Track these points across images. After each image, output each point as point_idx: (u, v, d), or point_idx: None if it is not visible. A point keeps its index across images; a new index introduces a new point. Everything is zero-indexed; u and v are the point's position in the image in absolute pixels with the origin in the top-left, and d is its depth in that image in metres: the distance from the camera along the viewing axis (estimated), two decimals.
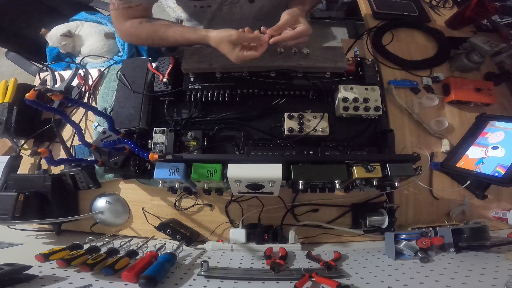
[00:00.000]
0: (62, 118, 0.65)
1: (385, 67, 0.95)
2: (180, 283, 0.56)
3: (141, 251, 0.69)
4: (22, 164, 0.91)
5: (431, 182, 0.85)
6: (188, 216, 0.86)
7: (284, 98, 0.82)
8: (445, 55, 0.98)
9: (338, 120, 0.81)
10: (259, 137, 0.81)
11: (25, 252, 0.73)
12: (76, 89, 0.96)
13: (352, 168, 0.63)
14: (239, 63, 0.68)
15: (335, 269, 0.61)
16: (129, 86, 0.81)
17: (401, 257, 0.67)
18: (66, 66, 1.15)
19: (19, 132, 0.88)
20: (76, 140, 0.90)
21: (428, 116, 0.89)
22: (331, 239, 0.83)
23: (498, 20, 1.09)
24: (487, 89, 0.88)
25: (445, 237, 0.67)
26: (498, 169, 0.74)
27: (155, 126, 0.77)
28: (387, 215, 0.76)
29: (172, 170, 0.63)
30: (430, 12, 1.13)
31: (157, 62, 0.84)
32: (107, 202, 0.85)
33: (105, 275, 0.56)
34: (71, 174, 0.83)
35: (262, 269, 0.64)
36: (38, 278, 0.54)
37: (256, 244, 0.77)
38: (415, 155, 0.65)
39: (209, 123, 0.82)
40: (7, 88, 0.89)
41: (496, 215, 0.83)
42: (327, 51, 0.78)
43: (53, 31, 1.11)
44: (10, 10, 1.15)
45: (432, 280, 0.55)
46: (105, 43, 1.15)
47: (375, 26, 1.05)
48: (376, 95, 0.78)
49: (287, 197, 0.83)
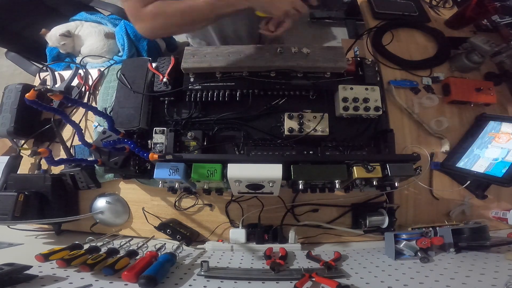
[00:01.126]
0: (62, 118, 0.65)
1: (385, 67, 0.95)
2: (180, 283, 0.56)
3: (141, 251, 0.69)
4: (22, 164, 0.92)
5: (431, 182, 0.85)
6: (188, 216, 0.86)
7: (284, 98, 0.82)
8: (445, 55, 0.98)
9: (338, 120, 0.81)
10: (259, 137, 0.81)
11: (25, 252, 0.73)
12: (76, 89, 0.96)
13: (352, 168, 0.63)
14: (283, 16, 0.64)
15: (335, 269, 0.61)
16: (129, 86, 0.81)
17: (401, 257, 0.67)
18: (66, 66, 1.15)
19: (19, 132, 0.88)
20: (76, 140, 0.90)
21: (428, 116, 0.89)
22: (331, 239, 0.83)
23: (498, 20, 1.09)
24: (487, 89, 0.88)
25: (445, 237, 0.67)
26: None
27: (155, 126, 0.77)
28: (387, 215, 0.76)
29: (172, 170, 0.63)
30: (430, 12, 1.13)
31: (157, 62, 0.84)
32: (107, 202, 0.85)
33: (105, 275, 0.56)
34: (71, 174, 0.83)
35: (262, 269, 0.64)
36: (38, 278, 0.54)
37: (256, 244, 0.77)
38: (415, 155, 0.66)
39: (209, 123, 0.82)
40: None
41: (496, 215, 0.83)
42: (327, 51, 0.78)
43: (52, 31, 1.12)
44: (11, 10, 1.15)
45: (432, 280, 0.55)
46: (105, 43, 1.15)
47: (375, 26, 1.05)
48: (376, 95, 0.78)
49: (287, 197, 0.83)
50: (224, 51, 0.78)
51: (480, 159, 0.79)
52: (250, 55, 0.77)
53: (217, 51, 0.78)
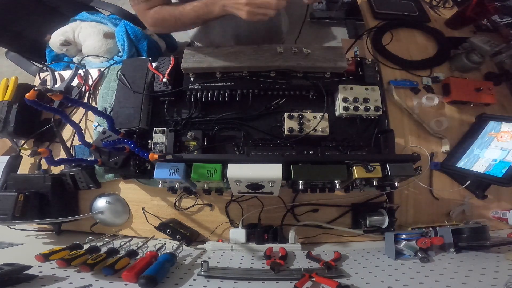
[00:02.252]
0: (62, 118, 0.65)
1: (385, 67, 0.95)
2: (180, 283, 0.56)
3: (141, 251, 0.69)
4: (22, 164, 0.91)
5: (431, 182, 0.85)
6: (188, 216, 0.86)
7: (284, 98, 0.82)
8: (445, 55, 0.98)
9: (338, 120, 0.81)
10: (259, 137, 0.81)
11: (25, 252, 0.73)
12: (76, 89, 0.96)
13: (352, 168, 0.63)
14: (251, 18, 0.65)
15: (335, 269, 0.61)
16: (129, 86, 0.81)
17: (401, 257, 0.67)
18: (66, 66, 1.15)
19: (19, 132, 0.88)
20: (76, 140, 0.90)
21: (428, 116, 0.89)
22: (331, 239, 0.83)
23: (498, 20, 1.09)
24: (487, 89, 0.88)
25: (445, 237, 0.67)
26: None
27: (155, 126, 0.76)
28: (387, 215, 0.76)
29: (172, 170, 0.63)
30: (430, 12, 1.13)
31: (157, 62, 0.84)
32: (107, 202, 0.85)
33: (105, 275, 0.56)
34: (71, 174, 0.83)
35: (262, 269, 0.64)
36: (38, 278, 0.54)
37: (256, 244, 0.77)
38: (415, 155, 0.65)
39: (209, 123, 0.82)
40: (8, 87, 0.89)
41: (496, 215, 0.83)
42: (327, 51, 0.78)
43: (53, 38, 1.14)
44: (11, 10, 1.15)
45: (432, 280, 0.55)
46: (103, 43, 1.15)
47: (375, 26, 1.05)
48: (376, 95, 0.78)
49: (287, 197, 0.83)
50: (224, 51, 0.78)
51: (480, 159, 0.79)
52: (250, 55, 0.77)
53: (217, 51, 0.78)
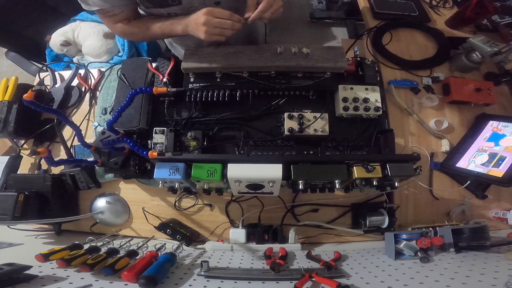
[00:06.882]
0: (61, 119, 0.65)
1: (385, 67, 0.95)
2: (180, 283, 0.56)
3: (141, 251, 0.69)
4: (22, 164, 0.91)
5: (431, 182, 0.85)
6: (188, 216, 0.86)
7: (284, 98, 0.82)
8: (445, 55, 0.98)
9: (338, 120, 0.81)
10: (259, 137, 0.81)
11: (25, 252, 0.73)
12: (76, 89, 0.96)
13: (352, 168, 0.63)
14: (208, 38, 0.68)
15: (335, 269, 0.61)
16: (130, 86, 0.81)
17: (401, 257, 0.67)
18: (66, 66, 1.15)
19: (19, 132, 0.88)
20: (76, 140, 0.90)
21: (428, 116, 0.89)
22: (331, 239, 0.83)
23: (498, 20, 1.09)
24: (487, 89, 0.88)
25: (445, 237, 0.67)
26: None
27: (155, 126, 0.77)
28: (387, 215, 0.76)
29: (172, 170, 0.63)
30: (430, 12, 1.13)
31: (157, 62, 0.84)
32: (107, 202, 0.85)
33: (105, 275, 0.56)
34: (71, 174, 0.83)
35: (262, 269, 0.64)
36: (38, 278, 0.54)
37: (256, 244, 0.77)
38: (415, 155, 0.65)
39: (209, 123, 0.82)
40: (8, 87, 0.89)
41: (496, 215, 0.83)
42: (327, 51, 0.78)
43: (52, 39, 1.14)
44: (11, 10, 1.15)
45: (432, 280, 0.55)
46: (103, 43, 1.15)
47: (375, 26, 1.05)
48: (376, 95, 0.78)
49: (287, 197, 0.83)
50: (224, 51, 0.78)
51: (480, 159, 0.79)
52: (250, 55, 0.77)
53: (217, 51, 0.78)
